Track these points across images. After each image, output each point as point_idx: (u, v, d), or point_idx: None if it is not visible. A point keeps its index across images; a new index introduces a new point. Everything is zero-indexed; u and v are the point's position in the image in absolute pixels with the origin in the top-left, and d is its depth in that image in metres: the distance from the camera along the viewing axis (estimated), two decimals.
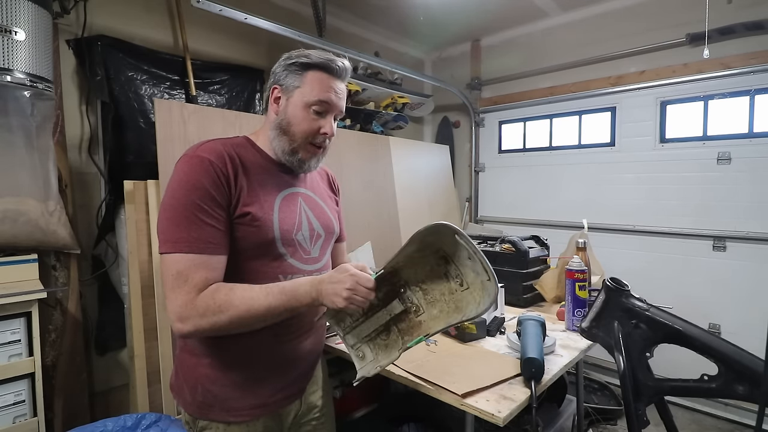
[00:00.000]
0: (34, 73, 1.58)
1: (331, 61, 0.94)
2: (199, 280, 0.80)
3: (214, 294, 0.81)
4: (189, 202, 0.82)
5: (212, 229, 0.83)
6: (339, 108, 0.97)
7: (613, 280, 1.00)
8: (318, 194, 1.08)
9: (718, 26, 2.41)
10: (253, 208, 0.89)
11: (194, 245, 0.81)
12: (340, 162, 2.62)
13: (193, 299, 0.80)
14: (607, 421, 2.43)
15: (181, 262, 0.81)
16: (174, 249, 0.81)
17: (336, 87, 0.95)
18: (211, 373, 0.92)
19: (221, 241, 0.84)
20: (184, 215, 0.82)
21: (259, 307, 0.81)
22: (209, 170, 0.85)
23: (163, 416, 1.50)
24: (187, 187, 0.83)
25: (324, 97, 0.93)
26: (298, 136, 0.94)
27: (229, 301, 0.80)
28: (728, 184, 2.49)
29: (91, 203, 2.06)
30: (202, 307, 0.79)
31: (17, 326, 1.51)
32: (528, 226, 3.36)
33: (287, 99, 0.95)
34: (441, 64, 3.96)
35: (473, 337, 1.29)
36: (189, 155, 0.88)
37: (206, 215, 0.83)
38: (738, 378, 0.83)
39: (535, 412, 0.94)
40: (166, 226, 0.83)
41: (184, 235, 0.81)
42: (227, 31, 2.48)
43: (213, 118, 2.02)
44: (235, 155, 0.91)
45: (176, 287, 0.80)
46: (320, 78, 0.93)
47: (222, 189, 0.85)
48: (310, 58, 0.94)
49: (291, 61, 0.95)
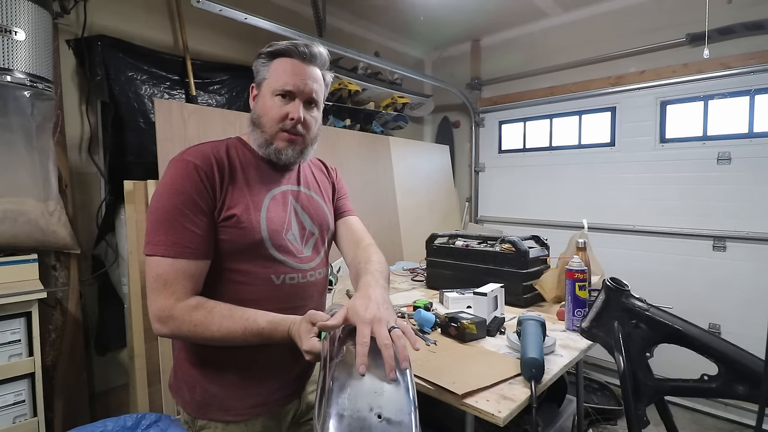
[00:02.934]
0: (34, 73, 1.58)
1: (295, 45, 0.93)
2: (178, 287, 0.81)
3: (192, 312, 0.80)
4: (172, 206, 0.83)
5: (192, 234, 0.83)
6: (307, 93, 0.93)
7: (613, 280, 1.00)
8: (313, 189, 1.07)
9: (718, 26, 2.41)
10: (239, 210, 0.89)
11: (172, 249, 0.81)
12: (341, 162, 2.62)
13: (172, 306, 0.80)
14: (607, 421, 2.43)
15: (161, 265, 0.81)
16: (154, 251, 0.82)
17: (302, 71, 0.93)
18: (209, 373, 0.92)
19: (200, 246, 0.84)
20: (166, 218, 0.83)
21: (234, 340, 0.81)
22: (193, 175, 0.85)
23: (163, 416, 1.50)
24: (171, 191, 0.84)
25: (287, 81, 0.91)
26: (267, 126, 0.93)
27: (204, 325, 0.80)
28: (728, 184, 2.49)
29: (91, 203, 2.06)
30: (179, 318, 0.80)
31: (17, 326, 1.51)
32: (528, 226, 3.36)
33: (259, 93, 0.96)
34: (441, 64, 3.96)
35: (473, 337, 1.28)
36: (176, 159, 0.88)
37: (187, 220, 0.83)
38: (738, 378, 0.83)
39: (535, 412, 0.94)
40: (149, 229, 0.84)
41: (164, 239, 0.82)
42: (227, 31, 2.48)
43: (213, 118, 2.02)
44: (223, 157, 0.91)
45: (155, 290, 0.81)
46: (284, 64, 0.93)
47: (206, 194, 0.86)
48: (273, 46, 0.94)
49: (259, 53, 0.96)
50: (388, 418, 0.64)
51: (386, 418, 0.63)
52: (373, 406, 0.64)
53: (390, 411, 0.64)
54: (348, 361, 0.69)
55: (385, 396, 0.66)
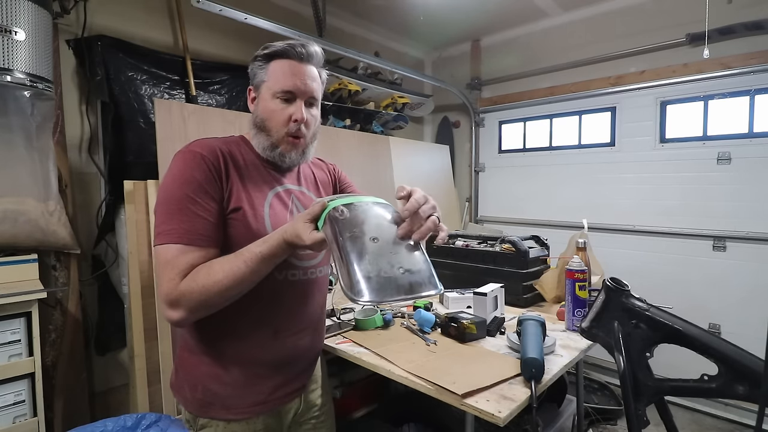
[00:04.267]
0: (34, 73, 1.58)
1: (292, 46, 0.92)
2: (184, 267, 0.80)
3: (195, 276, 0.79)
4: (182, 195, 0.82)
5: (204, 222, 0.83)
6: (307, 93, 0.94)
7: (613, 280, 0.99)
8: (313, 189, 1.08)
9: (718, 26, 2.41)
10: (244, 205, 0.89)
11: (185, 236, 0.81)
12: (341, 162, 2.60)
13: (177, 285, 0.79)
14: (607, 421, 2.43)
15: (170, 252, 0.80)
16: (165, 240, 0.81)
17: (301, 72, 0.93)
18: (210, 371, 0.92)
19: (212, 234, 0.84)
20: (177, 207, 0.82)
21: (242, 278, 0.79)
22: (201, 164, 0.85)
23: (163, 416, 1.50)
24: (180, 181, 0.84)
25: (287, 83, 0.92)
26: (273, 130, 0.93)
27: (209, 278, 0.78)
28: (728, 184, 2.49)
29: (91, 203, 2.06)
30: (186, 290, 0.78)
31: (17, 326, 1.51)
32: (528, 226, 3.36)
33: (258, 95, 0.96)
34: (441, 64, 3.96)
35: (473, 337, 1.28)
36: (182, 151, 0.88)
37: (199, 208, 0.83)
38: (738, 378, 0.83)
39: (535, 412, 0.94)
40: (159, 220, 0.83)
41: (176, 227, 0.81)
42: (227, 31, 2.48)
43: (213, 118, 2.02)
44: (227, 152, 0.92)
45: (163, 275, 0.80)
46: (282, 65, 0.93)
47: (214, 182, 0.86)
48: (269, 48, 0.93)
49: (255, 56, 0.95)
50: (409, 269, 0.74)
51: (407, 269, 0.74)
52: (393, 263, 0.74)
53: (409, 264, 0.75)
54: (356, 234, 0.75)
55: (401, 254, 0.76)
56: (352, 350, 1.24)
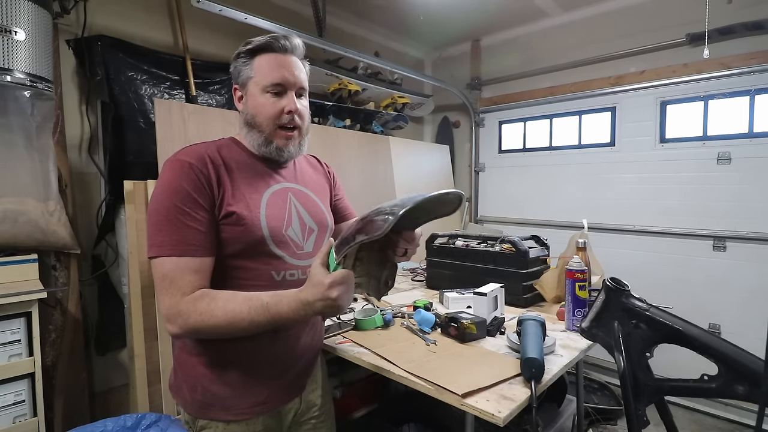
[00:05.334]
0: (34, 73, 1.58)
1: (275, 38, 0.93)
2: (183, 283, 0.80)
3: (196, 302, 0.80)
4: (171, 205, 0.83)
5: (195, 232, 0.83)
6: (297, 83, 0.95)
7: (613, 279, 1.00)
8: (310, 188, 1.08)
9: (718, 26, 2.40)
10: (238, 208, 0.89)
11: (177, 248, 0.81)
12: (341, 162, 2.62)
13: (178, 302, 0.80)
14: (607, 421, 2.43)
15: (166, 265, 0.81)
16: (158, 253, 0.82)
17: (287, 63, 0.94)
18: (209, 372, 0.92)
19: (204, 243, 0.84)
20: (167, 219, 0.83)
21: (241, 322, 0.79)
22: (189, 173, 0.85)
23: (163, 416, 1.50)
24: (169, 191, 0.84)
25: (276, 75, 0.92)
26: (265, 125, 0.94)
27: (210, 312, 0.79)
28: (728, 184, 2.49)
29: (91, 203, 2.06)
30: (185, 312, 0.79)
31: (17, 326, 1.51)
32: (528, 226, 3.36)
33: (246, 93, 0.96)
34: (441, 64, 3.96)
35: (473, 337, 1.28)
36: (171, 160, 0.88)
37: (188, 218, 0.83)
38: (738, 378, 0.83)
39: (535, 412, 0.94)
40: (151, 231, 0.84)
41: (167, 239, 0.82)
42: (227, 31, 2.47)
43: (213, 118, 2.02)
44: (217, 156, 0.92)
45: (163, 290, 0.81)
46: (268, 59, 0.93)
47: (203, 191, 0.86)
48: (252, 43, 0.94)
49: (238, 53, 0.96)
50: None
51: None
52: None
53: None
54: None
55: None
56: (352, 350, 1.24)
